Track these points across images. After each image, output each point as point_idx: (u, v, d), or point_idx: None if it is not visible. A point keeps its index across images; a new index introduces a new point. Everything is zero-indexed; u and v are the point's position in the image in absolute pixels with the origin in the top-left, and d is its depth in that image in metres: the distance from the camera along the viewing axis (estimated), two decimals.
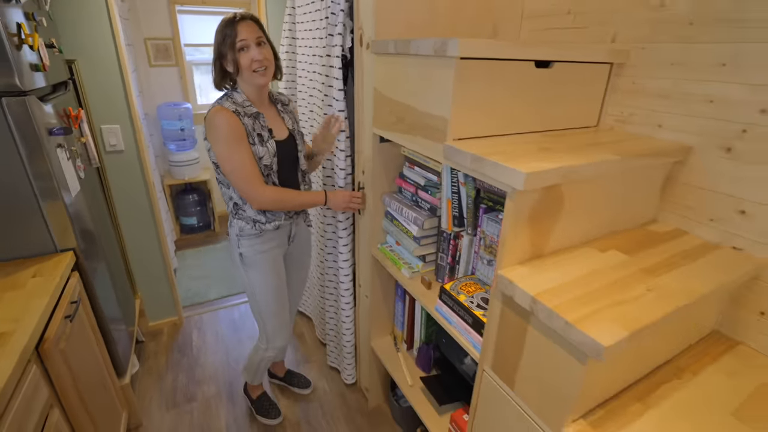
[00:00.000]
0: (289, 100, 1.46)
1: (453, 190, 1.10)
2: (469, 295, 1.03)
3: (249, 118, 1.25)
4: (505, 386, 0.89)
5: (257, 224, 1.35)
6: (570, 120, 1.11)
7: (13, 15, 1.15)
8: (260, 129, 1.28)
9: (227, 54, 1.20)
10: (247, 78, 1.23)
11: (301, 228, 1.54)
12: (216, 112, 1.21)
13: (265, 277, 1.42)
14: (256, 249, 1.38)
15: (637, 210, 1.03)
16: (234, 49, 1.19)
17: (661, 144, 0.98)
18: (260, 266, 1.40)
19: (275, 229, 1.39)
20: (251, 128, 1.25)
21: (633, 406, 0.79)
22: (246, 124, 1.24)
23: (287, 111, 1.42)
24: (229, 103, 1.24)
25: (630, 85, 1.10)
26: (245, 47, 1.19)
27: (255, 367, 1.65)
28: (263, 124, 1.29)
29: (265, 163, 1.29)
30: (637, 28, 1.05)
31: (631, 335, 0.66)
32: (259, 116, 1.28)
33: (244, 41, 1.18)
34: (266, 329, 1.51)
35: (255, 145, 1.26)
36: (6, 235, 1.23)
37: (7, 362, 0.86)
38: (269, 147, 1.28)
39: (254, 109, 1.28)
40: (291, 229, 1.48)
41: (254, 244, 1.38)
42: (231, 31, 1.18)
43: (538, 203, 0.80)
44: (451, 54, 0.83)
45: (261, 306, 1.46)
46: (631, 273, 0.83)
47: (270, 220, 1.36)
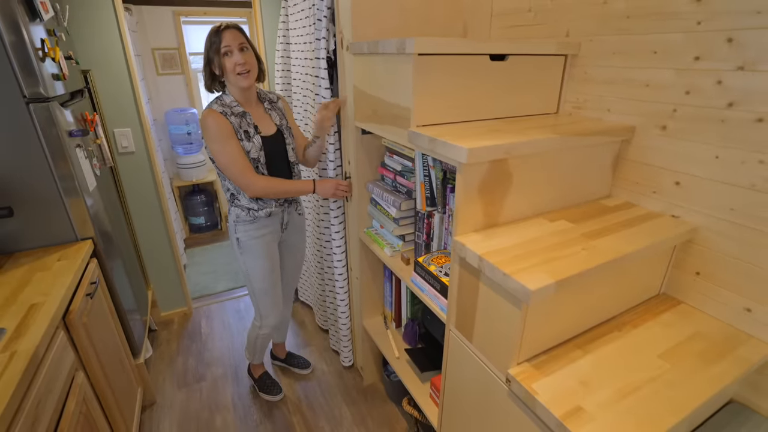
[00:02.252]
0: (278, 98, 1.60)
1: (425, 173, 1.22)
2: (439, 266, 1.15)
3: (236, 117, 1.40)
4: (466, 341, 1.01)
5: (251, 211, 1.50)
6: (530, 108, 1.23)
7: (38, 32, 1.32)
8: (246, 126, 1.42)
9: (214, 59, 1.35)
10: (232, 80, 1.37)
11: (293, 216, 1.68)
12: (206, 114, 1.36)
13: (258, 260, 1.57)
14: (250, 234, 1.53)
15: (590, 186, 1.15)
16: (219, 54, 1.33)
17: (605, 125, 1.10)
18: (254, 250, 1.55)
19: (267, 216, 1.53)
20: (238, 126, 1.40)
21: (573, 352, 0.91)
22: (233, 122, 1.38)
23: (275, 108, 1.56)
24: (218, 105, 1.39)
25: (582, 74, 1.21)
26: (229, 52, 1.33)
27: (253, 345, 1.80)
28: (249, 122, 1.43)
29: (253, 157, 1.43)
30: (585, 23, 1.17)
31: (557, 283, 0.78)
32: (245, 115, 1.43)
33: (228, 47, 1.33)
34: (259, 307, 1.67)
35: (243, 141, 1.41)
36: (35, 226, 1.39)
37: (41, 325, 1.02)
38: (255, 142, 1.43)
39: (241, 108, 1.42)
40: (283, 217, 1.62)
41: (249, 230, 1.53)
42: (217, 39, 1.33)
43: (487, 176, 0.92)
44: (409, 51, 0.96)
45: (254, 285, 1.61)
46: (573, 237, 0.95)
47: (262, 207, 1.51)
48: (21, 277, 1.24)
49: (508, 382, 0.87)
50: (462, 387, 1.08)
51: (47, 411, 0.96)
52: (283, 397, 1.88)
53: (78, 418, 1.11)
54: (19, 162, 1.32)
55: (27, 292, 1.17)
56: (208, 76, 1.42)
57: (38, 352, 0.96)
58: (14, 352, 0.94)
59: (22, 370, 0.88)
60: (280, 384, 1.91)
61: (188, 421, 1.77)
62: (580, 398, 0.78)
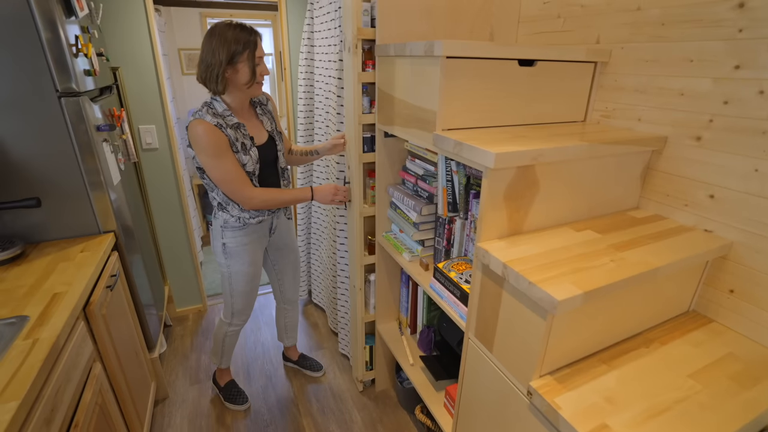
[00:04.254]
0: (267, 99, 1.55)
1: (447, 178, 1.21)
2: (459, 272, 1.13)
3: (231, 129, 1.33)
4: (486, 350, 0.98)
5: (241, 218, 1.47)
6: (556, 115, 1.21)
7: (73, 29, 1.35)
8: (243, 138, 1.36)
9: (241, 64, 1.27)
10: (250, 90, 1.33)
11: (281, 220, 1.67)
12: (198, 124, 1.27)
13: (243, 266, 1.55)
14: (238, 241, 1.50)
15: (617, 196, 1.12)
16: (253, 59, 1.29)
17: (636, 134, 1.07)
18: (241, 257, 1.53)
19: (257, 222, 1.51)
20: (234, 138, 1.33)
21: (598, 367, 0.87)
22: (229, 135, 1.32)
23: (266, 111, 1.52)
24: (210, 116, 1.29)
25: (612, 82, 1.18)
26: (260, 62, 1.32)
27: (221, 345, 1.77)
28: (245, 134, 1.37)
29: (249, 170, 1.38)
30: (617, 30, 1.15)
31: (585, 294, 0.75)
32: (240, 126, 1.36)
33: (260, 57, 1.32)
34: (234, 307, 1.65)
35: (239, 153, 1.35)
36: (60, 217, 1.42)
37: (62, 314, 1.03)
38: (252, 155, 1.38)
39: (235, 119, 1.35)
40: (272, 222, 1.61)
41: (237, 236, 1.49)
42: (254, 45, 1.28)
43: (513, 183, 0.90)
44: (437, 53, 0.95)
45: (234, 288, 1.60)
46: (600, 248, 0.92)
47: (254, 216, 1.49)
48: (46, 267, 1.26)
49: (530, 394, 0.84)
50: (479, 397, 1.05)
51: (65, 400, 0.97)
52: (248, 407, 1.84)
53: (94, 409, 1.12)
54: (48, 154, 1.35)
55: (51, 281, 1.19)
56: (221, 78, 1.28)
57: (59, 341, 0.97)
58: (36, 339, 0.95)
59: (43, 358, 0.89)
60: (246, 393, 1.88)
61: (199, 418, 1.78)
62: (606, 416, 0.74)
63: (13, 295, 1.13)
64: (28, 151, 1.33)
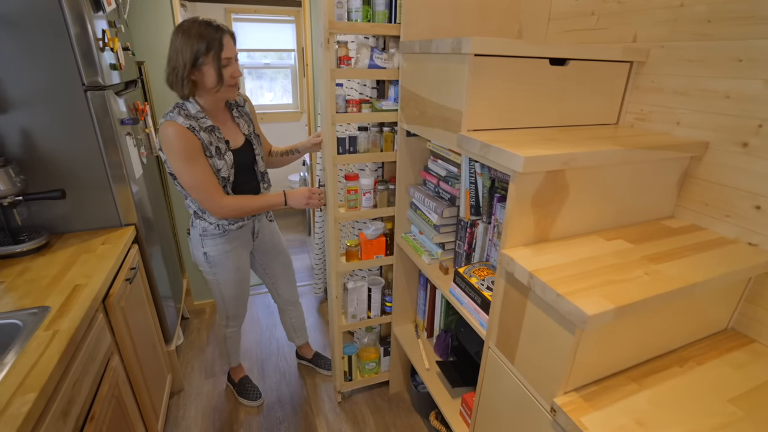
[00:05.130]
0: (245, 100, 1.48)
1: (471, 180, 1.17)
2: (481, 279, 1.09)
3: (205, 132, 1.26)
4: (507, 361, 0.94)
5: (220, 225, 1.42)
6: (587, 117, 1.15)
7: (100, 23, 1.37)
8: (217, 142, 1.29)
9: (208, 65, 1.18)
10: (221, 92, 1.25)
11: (263, 223, 1.62)
12: (169, 126, 1.20)
13: (229, 273, 1.51)
14: (220, 249, 1.45)
15: (651, 204, 1.05)
16: (218, 60, 1.19)
17: (674, 139, 1.01)
18: (225, 264, 1.48)
19: (238, 228, 1.46)
20: (207, 142, 1.26)
21: (628, 385, 0.82)
22: (202, 138, 1.25)
23: (243, 114, 1.45)
24: (183, 118, 1.22)
25: (649, 84, 1.12)
26: (228, 64, 1.22)
27: (224, 347, 1.77)
28: (220, 137, 1.30)
29: (223, 175, 1.32)
30: (656, 28, 1.08)
31: (617, 309, 0.70)
32: (215, 129, 1.29)
33: (229, 59, 1.21)
34: (227, 311, 1.63)
35: (212, 158, 1.28)
36: (84, 209, 1.44)
37: (83, 305, 1.04)
38: (227, 159, 1.32)
39: (209, 122, 1.28)
40: (254, 226, 1.56)
41: (218, 243, 1.44)
42: (217, 43, 1.17)
43: (541, 188, 0.86)
44: (465, 51, 0.91)
45: (224, 294, 1.57)
46: (633, 260, 0.86)
47: (233, 222, 1.44)
48: (68, 258, 1.28)
49: (553, 412, 0.80)
50: (498, 410, 1.01)
51: (82, 392, 0.97)
52: (261, 404, 1.84)
53: (110, 401, 1.13)
54: (73, 147, 1.37)
55: (73, 272, 1.20)
56: (187, 81, 1.20)
57: (78, 334, 0.98)
58: (56, 331, 0.96)
59: (62, 350, 0.90)
60: (259, 389, 1.87)
61: (213, 412, 1.79)
62: None
63: (37, 285, 1.14)
64: (54, 143, 1.35)
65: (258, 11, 3.51)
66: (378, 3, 1.27)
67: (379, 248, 1.59)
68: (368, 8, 1.29)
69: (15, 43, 1.23)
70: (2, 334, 1.00)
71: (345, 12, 1.26)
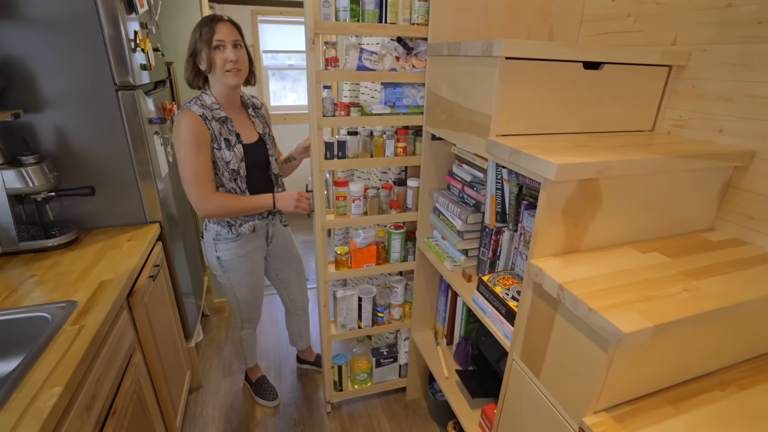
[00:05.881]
0: (262, 105, 1.53)
1: (497, 186, 1.13)
2: (506, 288, 1.06)
3: (216, 123, 1.29)
4: (532, 375, 0.91)
5: (233, 228, 1.41)
6: (621, 123, 1.11)
7: (132, 25, 1.39)
8: (227, 133, 1.32)
9: (202, 51, 1.24)
10: (219, 77, 1.27)
11: (277, 228, 1.61)
12: (183, 115, 1.26)
13: (244, 277, 1.51)
14: (233, 254, 1.44)
15: (689, 216, 1.00)
16: (210, 46, 1.23)
17: (717, 147, 0.95)
18: (238, 269, 1.48)
19: (251, 231, 1.45)
20: (218, 132, 1.29)
21: (663, 408, 0.78)
22: (212, 128, 1.28)
23: (258, 115, 1.47)
24: (197, 107, 1.28)
25: (690, 89, 1.07)
26: (221, 47, 1.24)
27: (240, 348, 1.78)
28: (231, 129, 1.33)
29: (233, 168, 1.33)
30: (699, 30, 1.03)
31: (656, 327, 0.66)
32: (227, 121, 1.32)
33: (221, 41, 1.23)
34: (242, 314, 1.64)
35: (221, 150, 1.30)
36: (111, 206, 1.48)
37: (108, 301, 1.06)
38: (236, 151, 1.33)
39: (222, 113, 1.31)
40: (268, 230, 1.55)
41: (231, 248, 1.44)
42: (208, 30, 1.22)
43: (574, 196, 0.82)
44: (496, 54, 0.89)
45: (239, 298, 1.57)
46: (671, 274, 0.82)
47: (244, 222, 1.42)
48: (96, 253, 1.31)
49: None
50: (520, 425, 0.97)
51: (105, 387, 0.99)
52: (278, 404, 1.83)
53: (131, 397, 1.14)
54: (103, 144, 1.40)
55: (99, 267, 1.23)
56: (191, 69, 1.30)
57: (102, 329, 0.99)
58: (83, 326, 0.97)
59: (86, 345, 0.91)
60: (276, 390, 1.86)
61: (230, 410, 1.80)
62: None
63: (66, 279, 1.17)
64: (85, 141, 1.38)
65: (283, 13, 3.55)
66: (367, 2, 1.21)
67: (370, 257, 1.53)
68: (357, 7, 1.22)
69: (53, 44, 1.26)
70: (33, 326, 1.03)
71: (332, 11, 1.20)
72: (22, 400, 0.77)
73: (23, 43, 1.25)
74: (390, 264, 1.58)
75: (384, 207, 1.50)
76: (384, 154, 1.42)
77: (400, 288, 1.62)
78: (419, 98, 1.36)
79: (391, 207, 1.49)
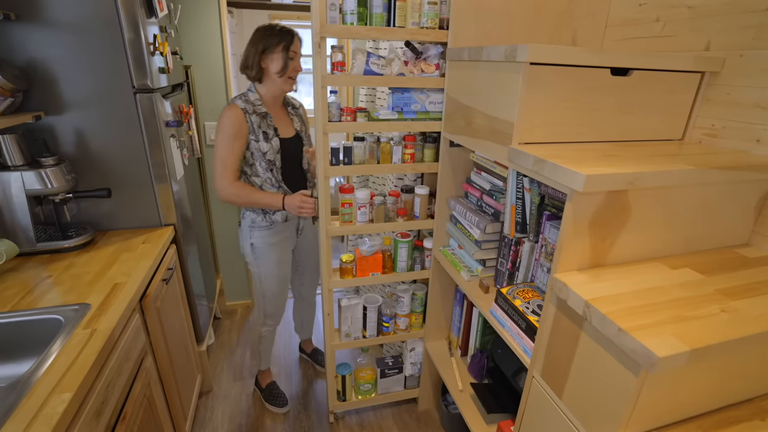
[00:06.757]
0: (300, 105, 1.63)
1: (518, 195, 1.10)
2: (525, 301, 1.02)
3: (257, 116, 1.42)
4: (554, 394, 0.87)
5: (267, 216, 1.51)
6: (649, 132, 1.06)
7: (152, 28, 1.40)
8: (266, 127, 1.44)
9: (274, 54, 1.37)
10: (280, 81, 1.41)
11: (308, 222, 1.68)
12: (228, 107, 1.40)
13: (272, 267, 1.58)
14: (266, 241, 1.53)
15: (723, 231, 0.95)
16: (286, 52, 1.37)
17: (755, 158, 0.90)
18: (269, 257, 1.56)
19: (284, 220, 1.54)
20: (257, 125, 1.41)
21: None
22: (252, 121, 1.40)
23: (297, 114, 1.58)
24: (241, 102, 1.41)
25: (724, 96, 1.02)
26: (294, 57, 1.40)
27: (257, 346, 1.80)
28: (269, 123, 1.45)
29: (269, 158, 1.45)
30: (735, 34, 0.98)
31: (693, 352, 0.62)
32: (267, 116, 1.44)
33: (295, 53, 1.40)
34: (265, 309, 1.68)
35: (259, 141, 1.42)
36: (127, 208, 1.48)
37: (121, 305, 1.05)
38: (273, 144, 1.44)
39: (263, 109, 1.44)
40: (299, 222, 1.63)
41: (264, 236, 1.53)
42: (289, 39, 1.37)
43: (601, 209, 0.78)
44: (520, 59, 0.85)
45: (265, 290, 1.62)
46: (705, 293, 0.77)
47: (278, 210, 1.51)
48: (110, 255, 1.31)
49: None
50: None
51: (116, 392, 0.98)
52: (287, 410, 1.81)
53: (142, 402, 1.13)
54: (120, 147, 1.40)
55: (113, 270, 1.22)
56: (257, 67, 1.41)
57: (114, 333, 0.99)
58: (95, 330, 0.97)
59: (98, 350, 0.90)
60: (286, 396, 1.85)
61: (239, 415, 1.78)
62: None
63: (80, 281, 1.17)
64: (102, 143, 1.39)
65: (300, 17, 3.56)
66: (375, 5, 1.19)
67: (375, 265, 1.52)
68: (364, 10, 1.21)
69: (74, 47, 1.27)
70: (46, 328, 1.02)
71: (338, 14, 1.18)
72: (31, 406, 0.76)
73: (46, 47, 1.26)
74: (396, 273, 1.55)
75: (391, 215, 1.48)
76: (391, 161, 1.40)
77: (406, 297, 1.59)
78: (428, 104, 1.33)
79: (398, 215, 1.47)
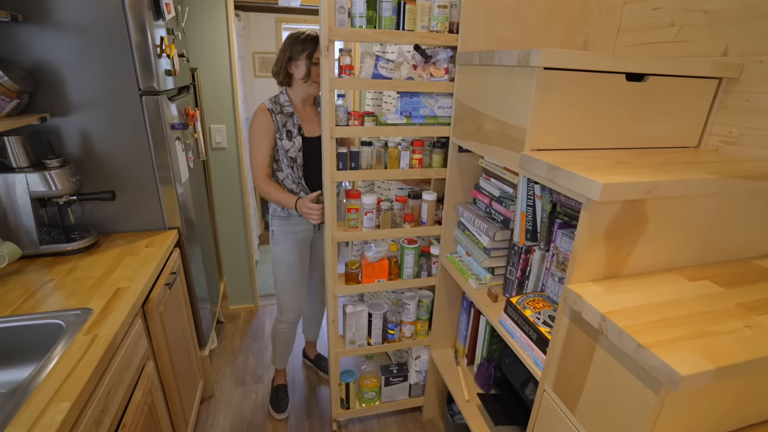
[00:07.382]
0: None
1: (528, 203, 1.07)
2: (536, 311, 0.99)
3: (283, 116, 1.50)
4: (566, 410, 0.84)
5: (285, 208, 1.58)
6: (664, 139, 1.03)
7: (159, 31, 1.39)
8: (291, 126, 1.51)
9: (300, 61, 1.45)
10: (306, 85, 1.48)
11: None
12: (258, 109, 1.49)
13: (285, 254, 1.63)
14: (283, 230, 1.62)
15: (742, 241, 0.92)
16: (310, 60, 1.44)
17: None
18: (284, 244, 1.62)
19: (299, 215, 1.57)
20: (281, 124, 1.49)
21: None
22: (278, 120, 1.48)
23: None
24: (270, 103, 1.50)
25: (743, 103, 0.99)
26: (317, 63, 1.44)
27: (274, 343, 1.81)
28: (295, 123, 1.51)
29: (291, 156, 1.51)
30: (754, 40, 0.95)
31: (717, 370, 0.59)
32: (293, 116, 1.51)
33: (318, 59, 1.44)
34: (280, 300, 1.70)
35: (283, 140, 1.49)
36: (131, 211, 1.47)
37: (123, 310, 1.03)
38: (296, 142, 1.51)
39: (290, 109, 1.51)
40: None
41: (282, 225, 1.61)
42: (313, 47, 1.44)
43: (617, 219, 0.76)
44: (534, 64, 0.83)
45: (278, 279, 1.66)
46: (726, 307, 0.74)
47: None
48: (113, 259, 1.30)
49: None
50: None
51: (116, 400, 0.96)
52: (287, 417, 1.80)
53: (143, 409, 1.11)
54: (125, 149, 1.39)
55: (116, 274, 1.21)
56: (284, 73, 1.49)
57: (116, 340, 0.97)
58: (96, 336, 0.95)
59: (99, 357, 0.88)
60: (289, 403, 1.84)
61: (241, 422, 1.76)
62: None
63: (83, 285, 1.16)
64: (107, 145, 1.38)
65: (307, 21, 3.56)
66: (385, 8, 1.18)
67: (381, 272, 1.49)
68: (373, 14, 1.19)
69: (81, 49, 1.27)
70: (47, 333, 1.01)
71: (347, 17, 1.17)
72: (29, 415, 0.74)
73: (53, 49, 1.25)
74: (402, 280, 1.53)
75: (397, 221, 1.45)
76: (399, 166, 1.38)
77: (412, 305, 1.56)
78: (437, 108, 1.31)
79: (405, 221, 1.44)
